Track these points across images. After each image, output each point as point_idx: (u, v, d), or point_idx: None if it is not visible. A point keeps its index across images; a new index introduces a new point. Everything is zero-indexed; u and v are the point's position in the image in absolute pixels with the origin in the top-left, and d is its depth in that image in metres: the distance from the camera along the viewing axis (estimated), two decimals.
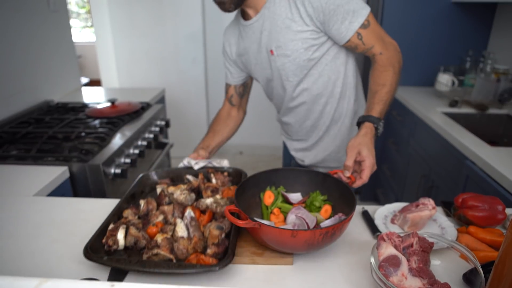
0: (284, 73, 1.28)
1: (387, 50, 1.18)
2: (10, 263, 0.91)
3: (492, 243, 0.94)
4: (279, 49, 1.22)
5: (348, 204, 0.98)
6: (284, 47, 1.20)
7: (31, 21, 2.10)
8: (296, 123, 1.44)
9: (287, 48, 1.20)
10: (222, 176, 1.16)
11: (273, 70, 1.30)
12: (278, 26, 1.18)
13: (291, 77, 1.29)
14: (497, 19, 2.49)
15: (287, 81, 1.30)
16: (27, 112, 2.02)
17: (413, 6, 2.51)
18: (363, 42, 1.15)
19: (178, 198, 1.04)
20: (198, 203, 1.02)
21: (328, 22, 1.13)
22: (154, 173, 1.21)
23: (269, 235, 0.85)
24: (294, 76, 1.28)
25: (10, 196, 1.21)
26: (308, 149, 1.50)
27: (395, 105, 2.62)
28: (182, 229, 0.91)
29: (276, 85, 1.36)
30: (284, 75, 1.29)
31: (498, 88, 2.13)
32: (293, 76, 1.28)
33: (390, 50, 1.18)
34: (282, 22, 1.17)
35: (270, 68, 1.31)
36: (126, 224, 0.93)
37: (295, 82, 1.30)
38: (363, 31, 1.13)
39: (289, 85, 1.32)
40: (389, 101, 1.18)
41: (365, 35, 1.14)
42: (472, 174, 1.61)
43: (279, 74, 1.29)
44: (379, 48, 1.17)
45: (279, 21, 1.18)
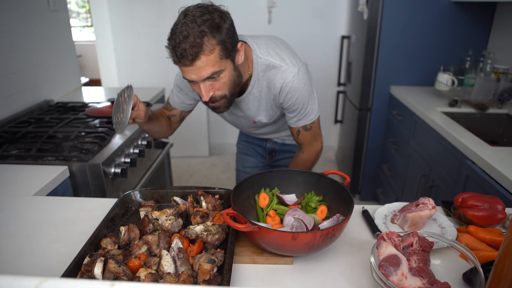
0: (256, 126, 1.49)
1: (309, 153, 1.43)
2: (10, 262, 0.91)
3: (492, 243, 0.95)
4: (260, 121, 1.41)
5: (345, 204, 0.98)
6: (265, 120, 1.40)
7: (31, 20, 2.10)
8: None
9: (267, 121, 1.40)
10: (213, 200, 1.06)
11: (247, 124, 1.48)
12: (262, 107, 1.35)
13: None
14: (497, 19, 2.49)
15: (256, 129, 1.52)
16: (27, 112, 2.02)
17: (413, 5, 2.51)
18: (297, 136, 1.39)
19: (164, 225, 0.94)
20: (187, 232, 0.91)
21: (286, 110, 1.33)
22: (137, 193, 1.12)
23: (269, 239, 0.84)
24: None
25: (10, 195, 1.21)
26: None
27: (395, 105, 2.63)
28: (169, 263, 0.81)
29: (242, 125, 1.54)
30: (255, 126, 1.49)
31: (498, 87, 2.13)
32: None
33: (310, 153, 1.43)
34: (265, 105, 1.34)
35: (245, 123, 1.48)
36: (104, 257, 0.83)
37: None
38: (303, 130, 1.37)
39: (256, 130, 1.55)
40: None
41: (302, 133, 1.38)
42: (472, 173, 1.61)
43: (252, 126, 1.49)
44: (305, 148, 1.43)
45: (263, 104, 1.34)
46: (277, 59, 1.25)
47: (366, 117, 2.85)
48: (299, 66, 1.26)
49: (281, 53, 1.27)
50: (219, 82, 1.13)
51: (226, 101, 1.20)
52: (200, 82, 1.10)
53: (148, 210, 1.02)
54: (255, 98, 1.32)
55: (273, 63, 1.24)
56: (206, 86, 1.12)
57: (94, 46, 4.06)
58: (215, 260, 0.83)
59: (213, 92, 1.14)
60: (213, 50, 1.05)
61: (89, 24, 6.66)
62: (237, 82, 1.19)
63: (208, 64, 1.06)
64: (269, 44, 1.29)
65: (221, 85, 1.14)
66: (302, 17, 3.52)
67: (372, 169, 3.00)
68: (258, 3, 3.49)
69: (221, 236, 0.92)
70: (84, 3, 6.76)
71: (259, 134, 1.61)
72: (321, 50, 3.61)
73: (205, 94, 1.13)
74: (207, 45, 1.03)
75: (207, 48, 1.03)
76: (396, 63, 2.66)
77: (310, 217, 0.99)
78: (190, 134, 3.88)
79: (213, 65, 1.07)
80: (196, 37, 1.01)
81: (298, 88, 1.25)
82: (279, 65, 1.24)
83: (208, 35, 1.03)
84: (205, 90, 1.12)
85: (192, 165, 3.81)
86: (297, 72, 1.24)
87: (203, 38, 1.02)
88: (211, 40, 1.04)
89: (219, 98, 1.17)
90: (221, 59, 1.08)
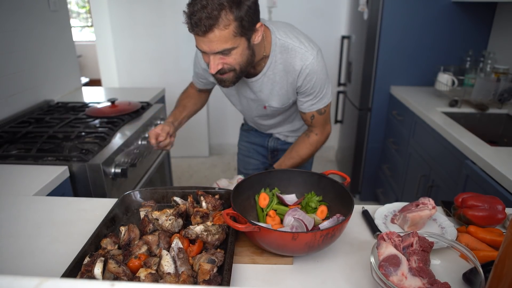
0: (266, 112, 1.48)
1: (322, 135, 1.45)
2: (10, 262, 0.91)
3: (492, 243, 0.95)
4: (271, 106, 1.40)
5: (344, 204, 0.98)
6: (276, 106, 1.39)
7: (31, 20, 2.10)
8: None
9: (279, 106, 1.40)
10: (213, 200, 1.05)
11: (257, 110, 1.48)
12: (276, 91, 1.34)
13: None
14: (497, 19, 2.49)
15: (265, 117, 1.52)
16: (27, 112, 2.02)
17: (413, 5, 2.51)
18: (311, 121, 1.40)
19: (164, 225, 0.94)
20: (187, 232, 0.91)
21: (301, 94, 1.34)
22: (137, 193, 1.11)
23: (270, 239, 0.84)
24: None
25: (10, 195, 1.21)
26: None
27: (395, 105, 2.63)
28: (169, 263, 0.81)
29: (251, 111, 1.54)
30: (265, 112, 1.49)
31: (498, 87, 2.13)
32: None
33: (323, 136, 1.46)
34: (280, 89, 1.33)
35: (255, 109, 1.48)
36: (104, 257, 0.83)
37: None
38: (317, 115, 1.38)
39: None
40: (295, 167, 1.45)
41: (316, 117, 1.38)
42: (472, 173, 1.61)
43: (260, 112, 1.49)
44: (319, 131, 1.43)
45: (277, 88, 1.33)
46: (296, 41, 1.26)
47: (366, 117, 2.85)
48: (317, 49, 1.28)
49: (299, 36, 1.28)
50: (229, 58, 1.12)
51: (234, 76, 1.19)
52: (211, 54, 1.10)
53: (148, 210, 1.02)
54: (269, 81, 1.31)
55: (292, 45, 1.25)
56: (216, 59, 1.11)
57: (94, 46, 4.06)
58: (215, 260, 0.83)
59: (222, 66, 1.14)
60: (228, 26, 1.03)
61: (89, 24, 6.67)
62: (249, 60, 1.18)
63: (221, 39, 1.05)
64: (287, 28, 1.30)
65: (231, 60, 1.13)
66: (302, 17, 3.52)
67: (372, 169, 3.00)
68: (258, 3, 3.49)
69: (221, 236, 0.92)
70: (84, 3, 6.76)
71: (264, 126, 1.60)
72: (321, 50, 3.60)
73: (213, 67, 1.12)
74: (223, 19, 1.01)
75: (223, 22, 1.02)
76: (396, 63, 2.66)
77: (310, 217, 0.99)
78: (190, 134, 3.88)
79: (226, 41, 1.06)
80: (214, 9, 1.00)
81: (317, 70, 1.26)
82: (298, 47, 1.25)
83: (227, 9, 1.01)
84: (214, 63, 1.12)
85: (192, 165, 3.81)
86: (316, 55, 1.26)
87: (221, 11, 1.01)
88: (229, 15, 1.02)
89: (228, 71, 1.16)
90: (235, 36, 1.06)
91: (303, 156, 1.44)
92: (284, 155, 1.46)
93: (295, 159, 1.43)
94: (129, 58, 3.66)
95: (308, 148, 1.44)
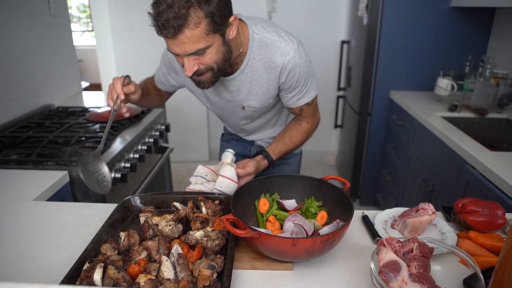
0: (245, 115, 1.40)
1: (312, 123, 1.40)
2: (10, 268, 0.91)
3: (492, 248, 0.94)
4: (250, 106, 1.33)
5: (344, 210, 0.98)
6: (256, 105, 1.32)
7: (32, 25, 2.11)
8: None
9: (258, 106, 1.32)
10: (213, 205, 1.04)
11: (235, 112, 1.39)
12: (254, 90, 1.27)
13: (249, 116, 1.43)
14: (496, 24, 2.50)
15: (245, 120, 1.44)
16: (27, 116, 2.02)
17: (412, 10, 2.52)
18: (301, 113, 1.35)
19: (164, 231, 0.94)
20: (187, 237, 0.91)
21: (285, 90, 1.28)
22: (137, 198, 1.10)
23: (269, 244, 0.84)
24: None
25: (10, 200, 1.21)
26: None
27: (395, 110, 2.63)
28: (169, 269, 0.81)
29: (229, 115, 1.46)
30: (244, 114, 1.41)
31: (497, 92, 2.13)
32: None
33: (314, 124, 1.41)
34: (259, 88, 1.26)
35: (232, 111, 1.39)
36: (104, 262, 0.82)
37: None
38: (305, 107, 1.33)
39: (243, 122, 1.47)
40: (288, 153, 1.43)
41: (305, 109, 1.34)
42: (472, 178, 1.61)
43: (239, 114, 1.41)
44: (309, 120, 1.39)
45: (256, 86, 1.26)
46: (275, 35, 1.19)
47: (366, 121, 2.86)
48: (297, 42, 1.21)
49: (277, 30, 1.22)
50: (205, 58, 1.04)
51: (212, 76, 1.11)
52: (184, 56, 1.03)
53: (148, 215, 1.02)
54: (247, 78, 1.24)
55: (271, 40, 1.18)
56: (190, 60, 1.04)
57: (94, 50, 4.07)
58: (215, 266, 0.82)
59: (198, 67, 1.06)
60: (199, 24, 0.95)
61: (90, 28, 6.69)
62: (226, 57, 1.10)
63: (193, 39, 0.97)
64: (265, 22, 1.24)
65: (207, 60, 1.05)
66: (302, 22, 3.54)
67: (372, 173, 3.00)
68: (258, 9, 3.51)
69: (221, 242, 0.92)
70: (85, 8, 6.79)
71: (245, 132, 1.53)
72: (321, 55, 3.62)
73: (189, 69, 1.05)
74: (192, 17, 0.94)
75: (192, 21, 0.94)
76: (396, 68, 2.67)
77: (310, 222, 0.99)
78: (190, 139, 3.88)
79: (199, 41, 0.98)
80: (181, 7, 0.92)
81: (299, 64, 1.20)
82: (277, 42, 1.18)
83: (195, 6, 0.94)
84: (189, 65, 1.04)
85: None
86: (297, 48, 1.19)
87: (189, 9, 0.93)
88: (198, 12, 0.94)
89: (205, 71, 1.08)
90: (207, 34, 0.99)
91: (296, 143, 1.40)
92: (276, 139, 1.40)
93: (288, 145, 1.38)
94: (129, 62, 3.67)
95: (301, 135, 1.39)
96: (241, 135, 1.59)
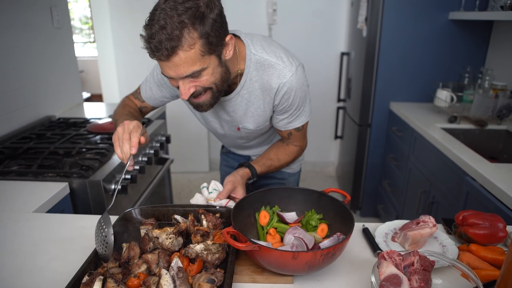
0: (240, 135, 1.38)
1: (300, 148, 1.39)
2: (9, 280, 0.90)
3: (493, 262, 0.94)
4: (245, 128, 1.30)
5: (345, 223, 0.97)
6: (251, 128, 1.30)
7: (34, 37, 2.13)
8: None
9: (253, 128, 1.30)
10: (214, 218, 1.03)
11: (230, 132, 1.36)
12: (250, 112, 1.25)
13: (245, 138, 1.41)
14: (494, 36, 2.52)
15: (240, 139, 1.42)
16: (28, 128, 2.03)
17: (412, 23, 2.55)
18: (288, 137, 1.33)
19: (164, 243, 0.93)
20: (187, 251, 0.90)
21: (277, 112, 1.25)
22: (138, 210, 1.10)
23: (270, 258, 0.84)
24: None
25: (10, 212, 1.21)
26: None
27: (395, 121, 2.64)
28: (168, 283, 0.80)
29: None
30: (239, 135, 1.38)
31: (497, 104, 2.14)
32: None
33: (301, 148, 1.40)
34: (255, 110, 1.24)
35: (228, 130, 1.36)
36: (103, 275, 0.82)
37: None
38: (294, 131, 1.31)
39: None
40: (272, 170, 1.40)
41: (294, 134, 1.32)
42: (473, 190, 1.61)
43: (234, 134, 1.38)
44: (298, 143, 1.37)
45: (252, 108, 1.23)
46: (273, 57, 1.15)
47: (366, 133, 2.86)
48: (296, 65, 1.17)
49: (276, 51, 1.17)
50: (201, 79, 1.00)
51: (212, 97, 1.06)
52: (179, 79, 0.98)
53: (149, 228, 1.02)
54: (243, 100, 1.21)
55: (269, 61, 1.15)
56: (185, 83, 1.00)
57: (96, 61, 4.11)
58: (214, 280, 0.82)
59: (195, 89, 1.02)
60: (194, 45, 0.92)
61: (92, 40, 6.75)
62: (224, 78, 1.06)
63: (187, 62, 0.94)
64: (265, 41, 1.20)
65: (204, 82, 1.01)
66: (302, 34, 3.57)
67: (373, 185, 3.00)
68: (258, 20, 3.54)
69: (221, 256, 0.91)
70: (87, 20, 6.86)
71: (242, 148, 1.51)
72: (321, 66, 3.64)
73: (185, 92, 1.00)
74: (186, 38, 0.90)
75: (187, 42, 0.90)
76: (396, 80, 2.69)
77: (310, 235, 0.98)
78: (191, 149, 3.88)
79: (193, 63, 0.95)
80: (175, 28, 0.89)
81: (295, 88, 1.17)
82: (275, 63, 1.14)
83: (189, 26, 0.90)
84: (185, 88, 1.00)
85: (192, 181, 3.81)
86: (295, 71, 1.16)
87: (182, 30, 0.89)
88: (192, 33, 0.90)
89: (203, 91, 1.04)
90: (203, 56, 0.95)
91: (282, 162, 1.38)
92: (262, 155, 1.36)
93: (273, 161, 1.36)
94: (130, 73, 3.69)
95: (287, 155, 1.37)
96: (236, 151, 1.58)
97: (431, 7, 2.50)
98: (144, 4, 3.46)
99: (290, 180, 1.58)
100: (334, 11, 3.51)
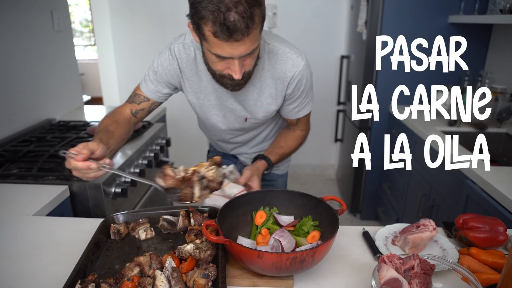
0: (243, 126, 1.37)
1: (306, 131, 1.44)
2: (8, 284, 0.90)
3: (494, 265, 0.94)
4: (254, 118, 1.31)
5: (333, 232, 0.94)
6: (259, 117, 1.31)
7: (35, 40, 2.14)
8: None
9: (261, 117, 1.31)
10: (200, 217, 1.07)
11: (233, 124, 1.35)
12: (261, 100, 1.26)
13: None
14: (493, 39, 2.53)
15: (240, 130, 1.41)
16: (29, 131, 2.03)
17: (411, 26, 2.55)
18: (297, 124, 1.38)
19: (208, 175, 0.97)
20: (179, 252, 0.93)
21: (288, 101, 1.29)
22: (120, 216, 1.10)
23: (238, 253, 0.87)
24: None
25: (10, 215, 1.21)
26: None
27: (394, 124, 2.64)
28: (163, 283, 0.81)
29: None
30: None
31: (496, 107, 2.15)
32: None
33: (307, 131, 1.45)
34: (266, 98, 1.26)
35: (232, 122, 1.34)
36: (95, 282, 0.82)
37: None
38: (302, 118, 1.36)
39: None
40: (284, 158, 1.44)
41: (301, 120, 1.37)
42: (473, 193, 1.61)
43: (236, 126, 1.37)
44: (304, 128, 1.43)
45: (262, 98, 1.25)
46: (285, 47, 1.20)
47: (366, 136, 2.86)
48: (304, 55, 1.25)
49: (286, 42, 1.24)
50: (250, 58, 1.02)
51: (248, 77, 1.09)
52: (236, 59, 0.98)
53: (147, 226, 1.05)
54: (255, 89, 1.23)
55: (282, 50, 1.19)
56: (240, 62, 1.00)
57: (96, 64, 4.11)
58: (208, 274, 0.84)
59: (244, 69, 1.03)
60: (260, 23, 0.93)
61: (92, 43, 6.76)
62: (256, 60, 1.09)
63: (252, 40, 0.93)
64: (275, 34, 1.27)
65: (251, 60, 1.03)
66: (302, 37, 3.58)
67: (373, 188, 2.99)
68: None
69: (212, 252, 0.94)
70: (88, 23, 6.88)
71: (232, 145, 1.49)
72: (321, 69, 3.65)
73: (239, 71, 1.01)
74: (257, 15, 0.90)
75: (256, 20, 0.90)
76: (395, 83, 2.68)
77: (293, 239, 0.98)
78: (191, 151, 3.88)
79: (256, 41, 0.96)
80: (248, 5, 0.87)
81: (306, 76, 1.24)
82: (289, 52, 1.19)
83: (256, 5, 0.90)
84: (239, 66, 1.00)
85: None
86: (306, 61, 1.24)
87: (253, 7, 0.89)
88: (257, 10, 0.90)
89: (246, 74, 1.06)
90: (260, 34, 0.97)
91: (291, 147, 1.42)
92: (272, 145, 1.41)
93: (284, 148, 1.40)
94: (130, 76, 3.69)
95: (295, 140, 1.42)
96: (225, 150, 1.58)
97: (431, 11, 2.51)
98: (144, 7, 3.47)
99: (279, 182, 1.58)
100: (334, 15, 3.52)
